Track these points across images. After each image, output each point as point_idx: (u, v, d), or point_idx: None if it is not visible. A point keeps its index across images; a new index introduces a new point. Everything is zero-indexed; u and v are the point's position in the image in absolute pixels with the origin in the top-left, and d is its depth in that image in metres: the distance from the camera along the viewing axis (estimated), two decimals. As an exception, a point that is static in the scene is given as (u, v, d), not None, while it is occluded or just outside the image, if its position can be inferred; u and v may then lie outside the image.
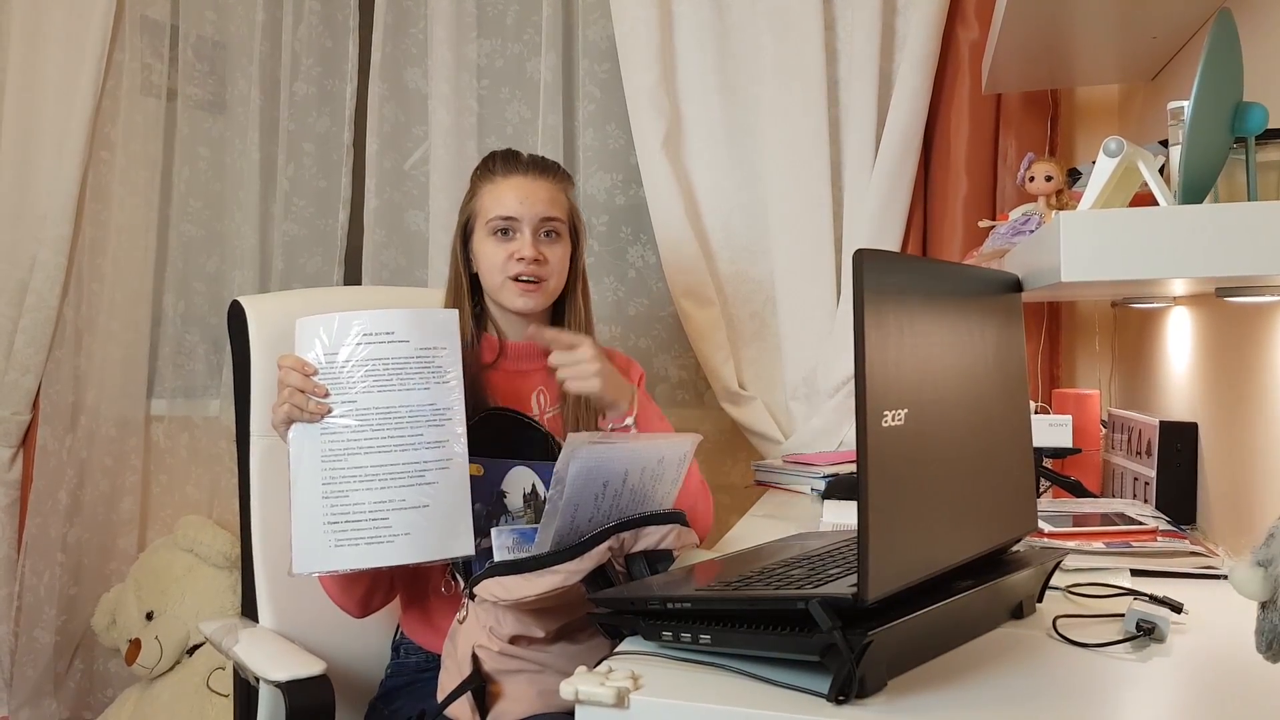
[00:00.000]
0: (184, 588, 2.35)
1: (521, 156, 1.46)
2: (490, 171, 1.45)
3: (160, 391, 2.60)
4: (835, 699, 0.75)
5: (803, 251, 2.03)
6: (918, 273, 0.88)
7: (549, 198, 1.43)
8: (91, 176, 2.49)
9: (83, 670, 2.57)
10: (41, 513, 2.48)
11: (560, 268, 1.44)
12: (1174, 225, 0.81)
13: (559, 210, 1.44)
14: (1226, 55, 0.87)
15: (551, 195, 1.44)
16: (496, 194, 1.42)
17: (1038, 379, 1.95)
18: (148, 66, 2.55)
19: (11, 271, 2.47)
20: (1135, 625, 0.91)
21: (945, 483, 0.85)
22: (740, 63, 2.09)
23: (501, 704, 1.13)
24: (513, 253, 1.40)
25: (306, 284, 2.47)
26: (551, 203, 1.43)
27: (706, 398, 2.22)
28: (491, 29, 2.36)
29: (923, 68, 1.93)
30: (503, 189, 1.42)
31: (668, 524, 1.14)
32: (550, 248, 1.42)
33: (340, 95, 2.47)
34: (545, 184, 1.44)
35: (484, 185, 1.44)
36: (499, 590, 1.07)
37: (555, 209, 1.43)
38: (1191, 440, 1.38)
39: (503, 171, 1.44)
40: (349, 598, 1.30)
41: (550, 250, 1.42)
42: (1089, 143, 2.03)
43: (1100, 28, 1.51)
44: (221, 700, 2.20)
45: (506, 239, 1.41)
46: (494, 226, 1.41)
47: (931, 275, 0.89)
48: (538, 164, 1.46)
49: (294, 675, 1.25)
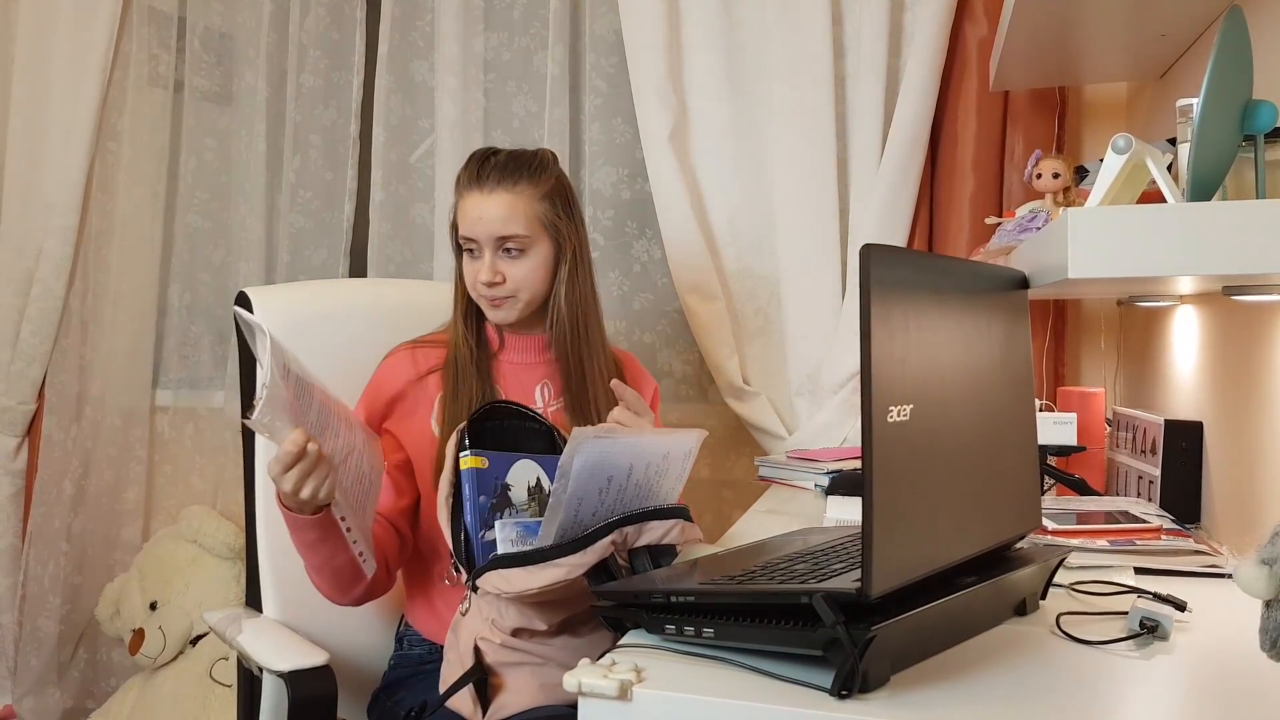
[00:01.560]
0: (188, 578, 2.35)
1: (486, 166, 1.39)
2: (459, 184, 1.42)
3: (165, 382, 2.61)
4: (838, 693, 0.75)
5: (808, 247, 2.03)
6: (924, 268, 0.88)
7: (505, 215, 1.36)
8: (98, 167, 2.49)
9: (86, 660, 2.57)
10: (46, 502, 2.49)
11: (530, 280, 1.39)
12: (1182, 223, 0.81)
13: (517, 225, 1.37)
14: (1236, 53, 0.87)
15: (509, 210, 1.37)
16: (462, 211, 1.41)
17: (1043, 377, 1.95)
18: (155, 58, 2.55)
19: (18, 261, 2.47)
20: (1139, 623, 0.91)
21: (950, 479, 0.85)
22: (747, 58, 2.09)
23: (503, 696, 1.14)
24: (476, 271, 1.39)
25: (312, 276, 2.47)
26: (508, 220, 1.37)
27: (711, 393, 2.22)
28: (498, 22, 2.36)
29: (930, 64, 1.93)
30: (465, 207, 1.40)
31: (672, 519, 1.14)
32: (512, 265, 1.39)
33: (347, 88, 2.47)
34: (503, 198, 1.37)
35: (457, 196, 1.43)
36: (502, 583, 1.07)
37: (512, 225, 1.37)
38: (1196, 439, 1.38)
39: (465, 187, 1.40)
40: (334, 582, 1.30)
41: (512, 267, 1.39)
42: (1097, 140, 2.03)
43: (1109, 25, 1.51)
44: (224, 690, 2.21)
45: (473, 257, 1.41)
46: (462, 245, 1.42)
47: (938, 271, 0.89)
48: (498, 173, 1.38)
49: (297, 665, 1.26)
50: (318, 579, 1.29)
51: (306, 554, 1.26)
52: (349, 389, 1.40)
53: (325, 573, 1.27)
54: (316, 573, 1.28)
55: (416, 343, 1.46)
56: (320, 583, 1.30)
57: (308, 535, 1.22)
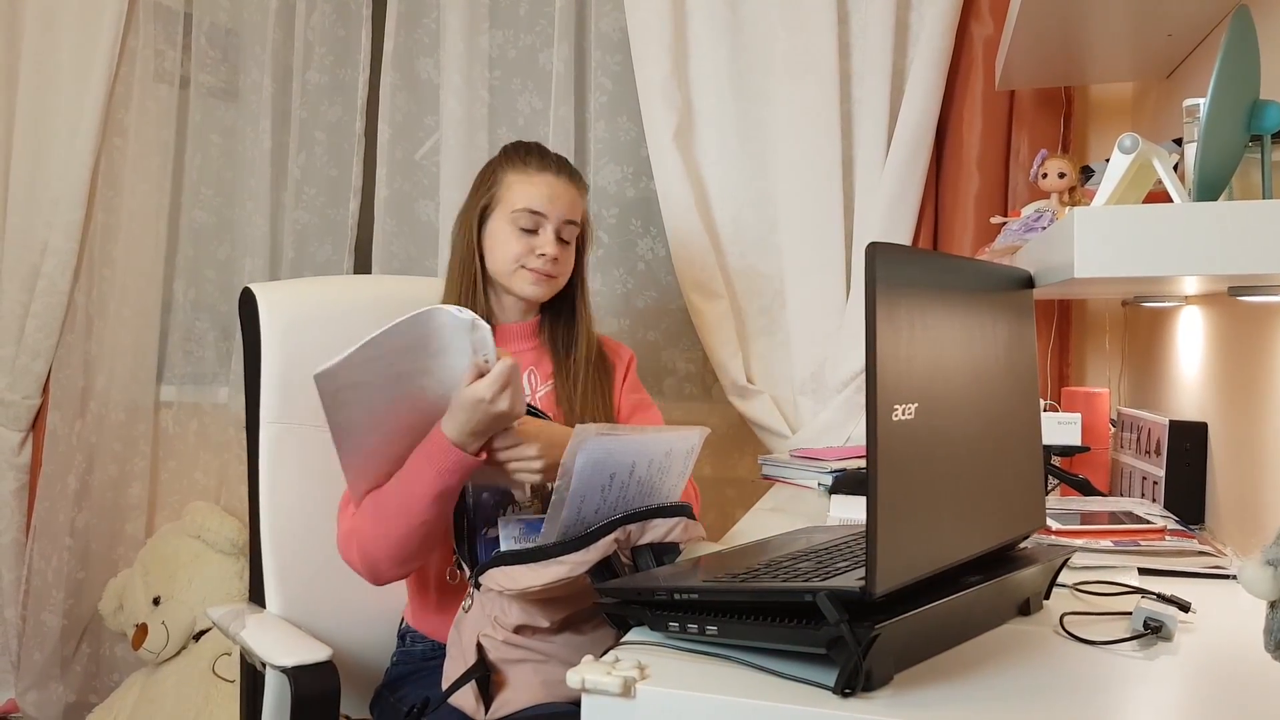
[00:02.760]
0: (191, 573, 2.36)
1: (548, 155, 1.49)
2: (523, 163, 1.46)
3: (170, 378, 2.62)
4: (841, 691, 0.75)
5: (813, 246, 2.02)
6: (930, 267, 0.87)
7: (572, 201, 1.48)
8: (104, 162, 2.50)
9: (89, 654, 2.58)
10: (50, 497, 2.49)
11: (569, 267, 1.50)
12: (1188, 223, 0.81)
13: (578, 215, 1.49)
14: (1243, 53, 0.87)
15: (574, 200, 1.48)
16: (529, 187, 1.44)
17: (1047, 377, 1.94)
18: (161, 53, 2.56)
19: (23, 256, 2.48)
20: (1143, 623, 0.91)
21: (954, 478, 0.85)
22: (753, 56, 2.09)
23: (506, 693, 1.14)
24: (534, 247, 1.43)
25: (317, 273, 2.48)
26: (573, 206, 1.48)
27: (714, 391, 2.22)
28: (504, 20, 2.36)
29: (936, 63, 1.92)
30: (537, 184, 1.44)
31: (675, 517, 1.14)
32: (565, 249, 1.47)
33: (352, 84, 2.47)
34: (571, 188, 1.48)
35: (513, 175, 1.46)
36: (505, 580, 1.07)
37: (576, 213, 1.48)
38: (1201, 440, 1.38)
39: (537, 166, 1.46)
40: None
41: (565, 251, 1.47)
42: (1102, 140, 2.02)
43: (1115, 25, 1.50)
44: (227, 686, 2.21)
45: (528, 233, 1.43)
46: (519, 219, 1.43)
47: (944, 270, 0.89)
48: (566, 167, 1.49)
49: (300, 661, 1.26)
50: (410, 541, 1.21)
51: (435, 508, 1.18)
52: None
53: (428, 531, 1.20)
54: (421, 530, 1.20)
55: None
56: (412, 545, 1.21)
57: (456, 481, 1.17)
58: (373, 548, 1.22)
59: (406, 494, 1.18)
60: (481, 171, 1.52)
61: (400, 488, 1.19)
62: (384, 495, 1.21)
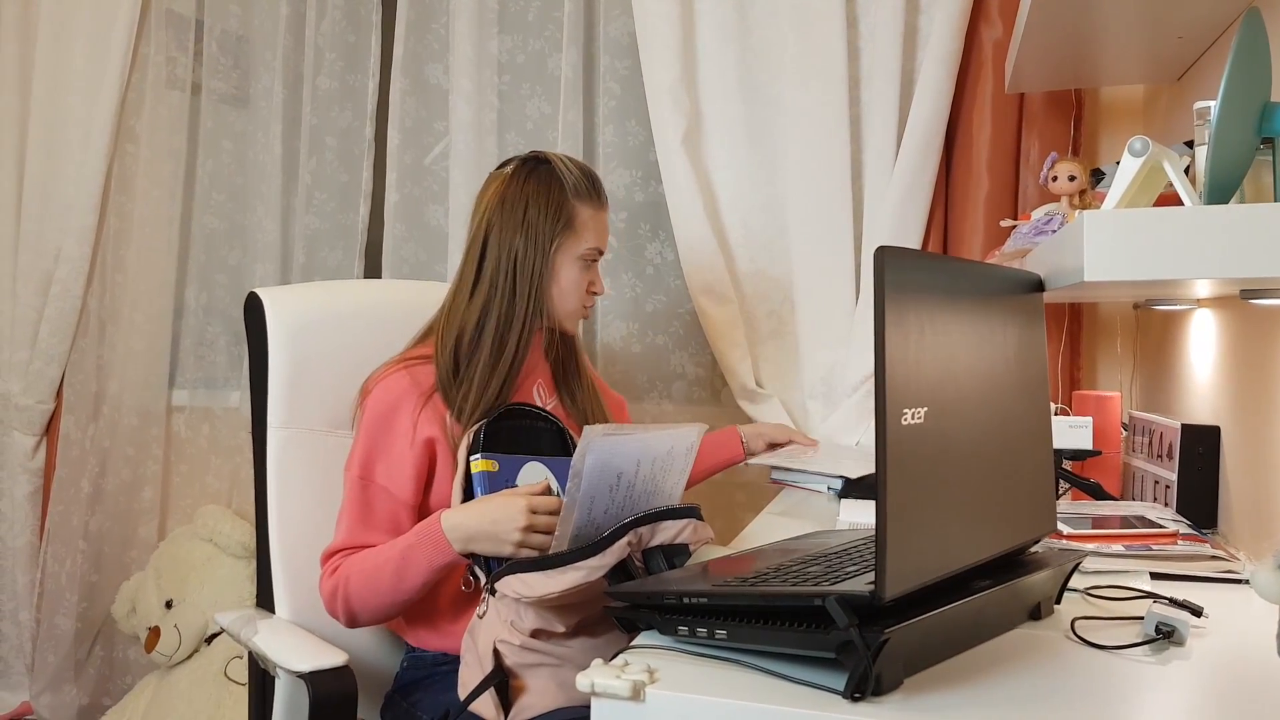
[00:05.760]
0: (203, 577, 2.37)
1: (597, 183, 1.45)
2: (590, 198, 1.43)
3: (182, 382, 2.63)
4: (851, 696, 0.74)
5: (822, 250, 2.02)
6: (939, 271, 0.87)
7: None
8: (116, 168, 2.52)
9: (102, 657, 2.60)
10: (64, 500, 2.51)
11: None
12: (1199, 226, 0.80)
13: None
14: (1254, 55, 0.87)
15: None
16: (599, 225, 1.44)
17: (1058, 380, 1.94)
18: (172, 60, 2.57)
19: (37, 262, 2.50)
20: (1154, 628, 0.90)
21: (964, 482, 0.85)
22: (761, 60, 2.09)
23: (525, 698, 1.14)
24: (590, 283, 1.45)
25: (327, 277, 2.49)
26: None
27: (723, 395, 2.22)
28: (513, 25, 2.37)
29: (945, 66, 1.92)
30: (602, 221, 1.45)
31: (684, 518, 1.15)
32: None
33: (362, 90, 2.48)
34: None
35: (585, 211, 1.42)
36: (521, 587, 1.08)
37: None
38: (1213, 444, 1.37)
39: (593, 203, 1.43)
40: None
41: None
42: (1113, 143, 2.01)
43: (1126, 27, 1.50)
44: (239, 689, 2.22)
45: (586, 267, 1.44)
46: (589, 256, 1.44)
47: (953, 273, 0.89)
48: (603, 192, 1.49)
49: (318, 666, 1.26)
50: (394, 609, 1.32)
51: (425, 588, 1.29)
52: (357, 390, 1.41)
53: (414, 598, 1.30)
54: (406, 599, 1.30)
55: (405, 363, 1.40)
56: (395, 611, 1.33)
57: (445, 570, 1.27)
58: (358, 606, 1.31)
59: (398, 577, 1.27)
60: (542, 189, 1.40)
61: (394, 569, 1.27)
62: (378, 570, 1.28)
